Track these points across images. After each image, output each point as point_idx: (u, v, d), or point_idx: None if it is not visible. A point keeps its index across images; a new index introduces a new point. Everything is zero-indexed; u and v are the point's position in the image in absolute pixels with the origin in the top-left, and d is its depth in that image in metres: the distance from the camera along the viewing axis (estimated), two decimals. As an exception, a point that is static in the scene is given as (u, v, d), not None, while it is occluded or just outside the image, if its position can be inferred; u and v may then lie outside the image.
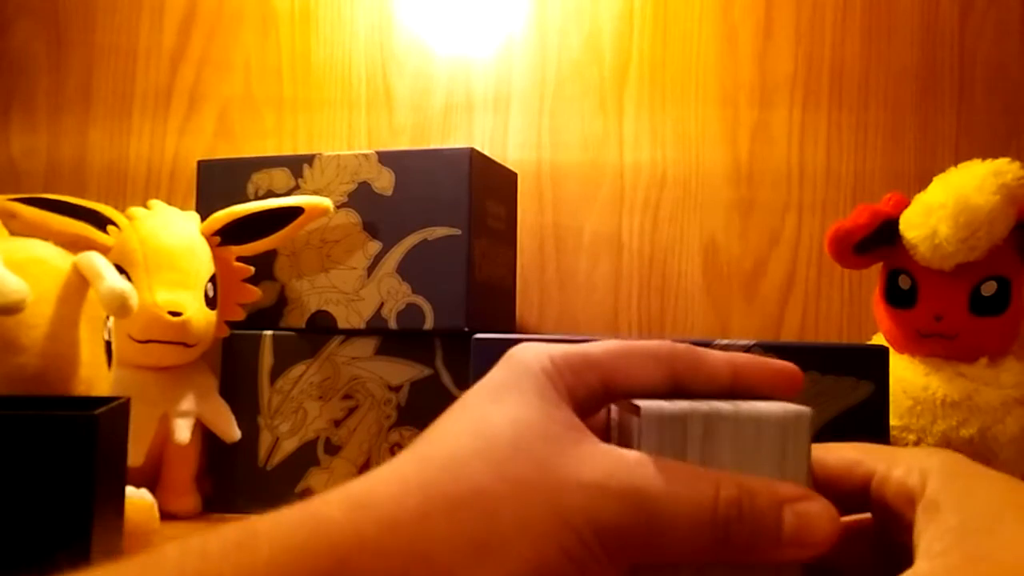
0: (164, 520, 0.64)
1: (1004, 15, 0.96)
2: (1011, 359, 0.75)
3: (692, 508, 0.25)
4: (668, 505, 0.24)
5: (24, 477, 0.46)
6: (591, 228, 1.01)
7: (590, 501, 0.24)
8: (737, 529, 0.25)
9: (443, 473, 0.24)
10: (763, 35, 1.00)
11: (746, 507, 0.25)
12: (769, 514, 0.25)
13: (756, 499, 0.25)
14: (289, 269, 0.83)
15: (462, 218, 0.78)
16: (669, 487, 0.25)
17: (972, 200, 0.70)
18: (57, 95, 1.09)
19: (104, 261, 0.60)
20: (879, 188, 0.94)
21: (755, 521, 0.25)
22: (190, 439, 0.76)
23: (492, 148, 1.02)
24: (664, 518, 0.24)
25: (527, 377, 0.27)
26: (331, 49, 1.06)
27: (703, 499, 0.25)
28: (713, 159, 1.00)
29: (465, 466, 0.24)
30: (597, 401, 0.28)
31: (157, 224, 0.77)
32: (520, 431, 0.25)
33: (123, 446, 0.54)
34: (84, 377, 0.59)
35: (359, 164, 0.81)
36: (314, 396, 0.80)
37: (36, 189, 0.96)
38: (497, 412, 0.26)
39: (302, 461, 0.80)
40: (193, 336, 0.75)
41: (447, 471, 0.24)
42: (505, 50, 1.03)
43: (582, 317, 1.01)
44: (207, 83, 1.07)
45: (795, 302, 0.98)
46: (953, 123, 0.97)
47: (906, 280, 0.77)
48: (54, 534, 0.46)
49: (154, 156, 1.07)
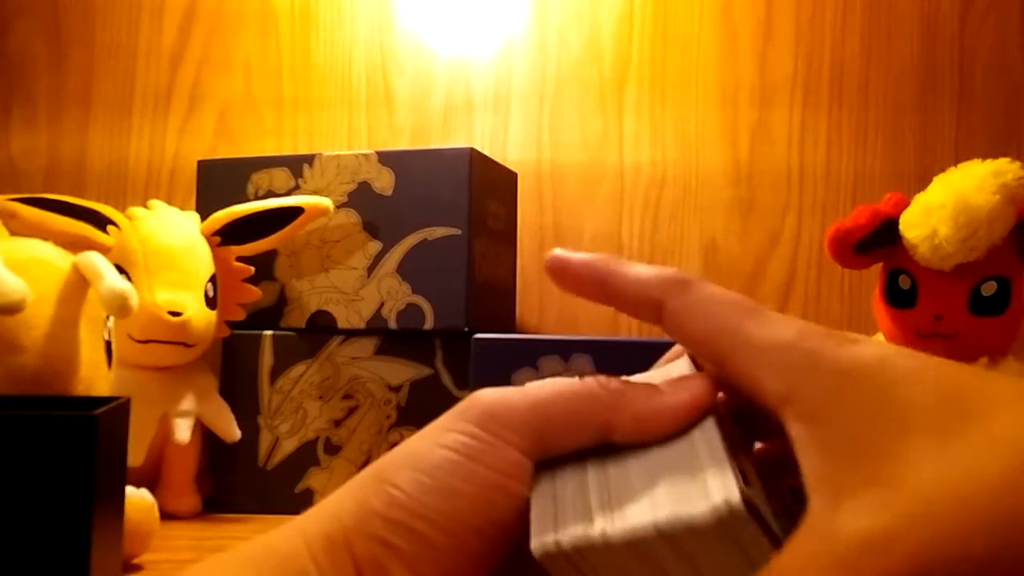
0: (164, 520, 0.64)
1: (1004, 15, 0.96)
2: (1011, 359, 0.75)
3: (569, 383, 0.26)
4: (548, 385, 0.26)
5: (24, 477, 0.46)
6: (591, 228, 1.01)
7: (461, 407, 0.26)
8: (602, 382, 0.26)
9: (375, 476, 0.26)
10: (763, 35, 1.00)
11: (615, 382, 0.27)
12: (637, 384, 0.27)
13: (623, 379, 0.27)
14: (289, 269, 0.83)
15: (462, 218, 0.78)
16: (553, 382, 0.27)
17: (972, 200, 0.70)
18: (57, 95, 1.09)
19: (104, 261, 0.60)
20: (879, 188, 0.94)
21: (628, 383, 0.26)
22: (190, 439, 0.76)
23: (492, 148, 1.02)
24: (528, 392, 0.26)
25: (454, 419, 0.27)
26: (331, 49, 1.06)
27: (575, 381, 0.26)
28: (713, 159, 1.00)
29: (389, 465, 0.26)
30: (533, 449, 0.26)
31: (157, 224, 0.77)
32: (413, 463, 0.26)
33: (123, 446, 0.54)
34: (84, 377, 0.59)
35: (359, 164, 0.81)
36: (314, 396, 0.80)
37: (36, 189, 0.96)
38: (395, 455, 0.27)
39: (302, 461, 0.80)
40: (193, 336, 0.75)
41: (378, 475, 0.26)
42: (505, 50, 1.03)
43: (582, 317, 1.01)
44: (207, 83, 1.07)
45: (795, 302, 0.98)
46: (953, 123, 0.97)
47: (906, 280, 0.77)
48: (54, 534, 0.46)
49: (154, 156, 1.07)
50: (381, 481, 0.25)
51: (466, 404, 0.26)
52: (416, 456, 0.25)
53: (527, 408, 0.25)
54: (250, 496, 0.80)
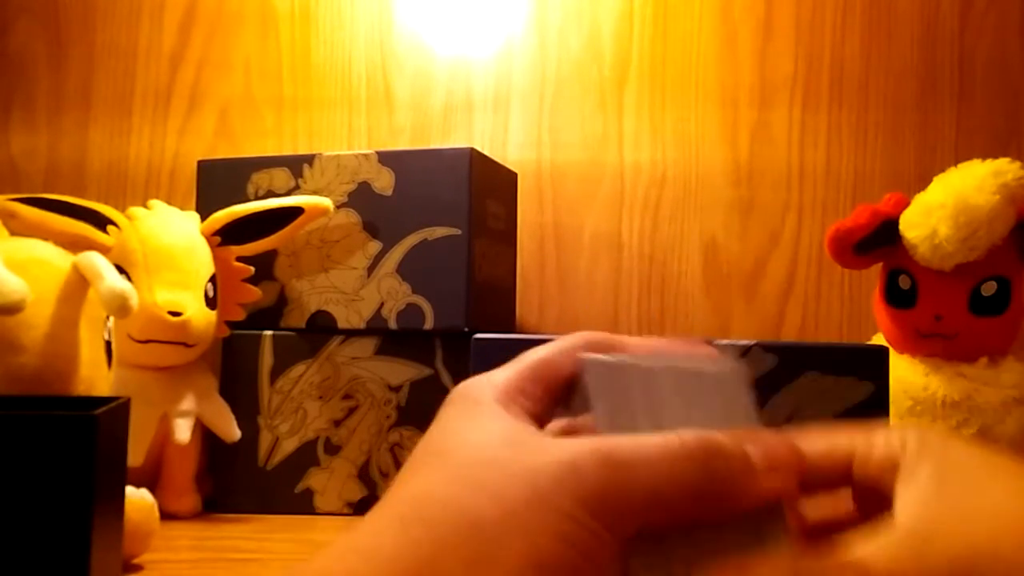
0: (164, 520, 0.64)
1: (1004, 15, 0.96)
2: (1011, 359, 0.75)
3: (664, 453, 0.25)
4: (640, 456, 0.25)
5: (24, 477, 0.46)
6: (591, 228, 1.01)
7: (565, 476, 0.24)
8: (714, 462, 0.25)
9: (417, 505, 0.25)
10: (763, 35, 1.00)
11: (712, 444, 0.26)
12: (735, 447, 0.26)
13: (716, 437, 0.26)
14: (289, 269, 0.83)
15: (462, 218, 0.78)
16: (635, 441, 0.25)
17: (972, 200, 0.71)
18: (57, 95, 1.09)
19: (104, 261, 0.60)
20: (879, 188, 0.94)
21: (726, 454, 0.26)
22: (190, 439, 0.76)
23: (492, 148, 1.02)
24: (642, 470, 0.25)
25: (477, 407, 0.28)
26: (331, 49, 1.06)
27: (669, 443, 0.25)
28: (713, 159, 1.00)
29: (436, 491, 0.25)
30: (547, 408, 0.29)
31: (157, 224, 0.77)
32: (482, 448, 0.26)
33: (123, 446, 0.54)
34: (84, 377, 0.59)
35: (359, 164, 0.81)
36: (314, 396, 0.80)
37: (36, 189, 0.96)
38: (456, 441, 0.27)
39: (302, 461, 0.80)
40: (193, 336, 0.75)
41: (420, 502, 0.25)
42: (505, 50, 1.03)
43: (582, 317, 1.01)
44: (207, 83, 1.07)
45: (795, 302, 0.98)
46: (953, 123, 0.97)
47: (906, 280, 0.77)
48: (54, 534, 0.46)
49: (154, 156, 1.07)
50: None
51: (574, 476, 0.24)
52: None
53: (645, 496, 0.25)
54: (250, 496, 0.80)
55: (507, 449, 0.25)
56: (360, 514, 0.79)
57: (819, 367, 0.60)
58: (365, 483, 0.80)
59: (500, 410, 0.27)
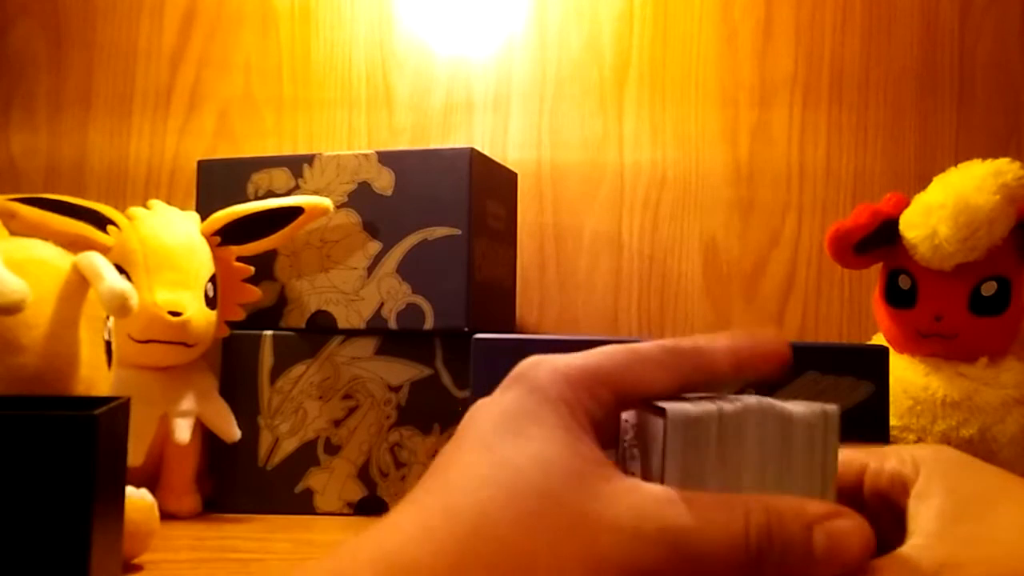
0: (164, 520, 0.64)
1: (1004, 15, 0.96)
2: (1011, 359, 0.75)
3: (725, 542, 0.24)
4: (702, 542, 0.24)
5: (24, 477, 0.46)
6: (591, 228, 1.01)
7: (624, 546, 0.24)
8: (768, 556, 0.25)
9: (474, 534, 0.24)
10: (763, 35, 1.00)
11: (776, 532, 0.25)
12: (799, 536, 0.25)
13: (785, 522, 0.25)
14: (289, 269, 0.83)
15: (462, 218, 0.78)
16: (700, 522, 0.24)
17: (972, 200, 0.70)
18: (57, 95, 1.09)
19: (104, 261, 0.60)
20: (879, 188, 0.94)
21: (786, 545, 0.25)
22: (190, 439, 0.76)
23: (492, 148, 1.02)
24: (698, 554, 0.24)
25: (546, 406, 0.26)
26: (331, 49, 1.06)
27: (735, 530, 0.24)
28: (713, 159, 1.00)
29: (496, 524, 0.24)
30: (613, 412, 0.28)
31: (157, 224, 0.77)
32: (546, 473, 0.25)
33: (123, 446, 0.54)
34: (84, 377, 0.59)
35: (359, 164, 0.81)
36: (314, 396, 0.80)
37: (36, 189, 0.96)
38: (521, 453, 0.25)
39: (302, 461, 0.80)
40: (193, 336, 0.75)
41: (478, 532, 0.24)
42: (505, 50, 1.03)
43: (582, 317, 1.01)
44: (207, 83, 1.07)
45: (795, 302, 0.98)
46: (953, 123, 0.97)
47: (906, 280, 0.77)
48: (54, 534, 0.46)
49: (154, 156, 1.07)
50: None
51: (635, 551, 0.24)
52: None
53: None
54: (250, 496, 0.80)
55: (572, 489, 0.25)
56: (360, 514, 0.80)
57: (819, 367, 0.60)
58: (365, 483, 0.80)
59: (567, 417, 0.26)
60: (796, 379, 0.60)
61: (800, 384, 0.60)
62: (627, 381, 0.27)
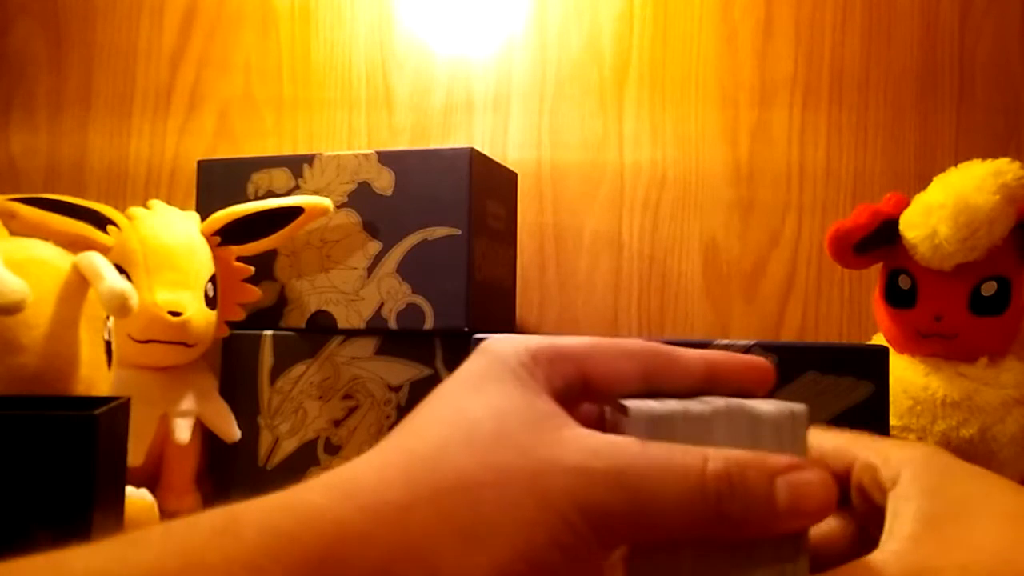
0: (164, 520, 0.64)
1: (1004, 15, 0.96)
2: (1011, 359, 0.75)
3: (680, 483, 0.24)
4: (654, 482, 0.24)
5: (24, 477, 0.46)
6: (591, 228, 1.01)
7: (574, 483, 0.24)
8: (729, 503, 0.24)
9: (426, 463, 0.24)
10: (763, 35, 1.00)
11: (736, 480, 0.24)
12: (761, 486, 0.25)
13: (746, 471, 0.25)
14: (289, 269, 0.83)
15: (462, 218, 0.78)
16: (654, 463, 0.24)
17: (972, 200, 0.70)
18: (57, 95, 1.09)
19: (104, 261, 0.60)
20: (879, 188, 0.94)
21: (747, 493, 0.24)
22: (190, 439, 0.76)
23: (492, 148, 1.02)
24: (651, 496, 0.24)
25: (505, 368, 0.27)
26: (331, 49, 1.06)
27: (690, 473, 0.24)
28: (713, 159, 1.00)
29: (448, 456, 0.24)
30: (576, 392, 0.28)
31: (157, 224, 0.77)
32: (502, 419, 0.25)
33: (123, 446, 0.54)
34: (84, 377, 0.59)
35: (359, 164, 0.81)
36: (314, 396, 0.80)
37: (36, 189, 0.96)
38: (478, 402, 0.26)
39: (302, 461, 0.80)
40: (193, 336, 0.75)
41: (430, 460, 0.24)
42: (505, 50, 1.03)
43: (582, 317, 1.01)
44: (207, 83, 1.07)
45: (795, 302, 0.98)
46: (953, 123, 0.97)
47: (906, 280, 0.77)
48: (54, 534, 0.46)
49: (154, 156, 1.07)
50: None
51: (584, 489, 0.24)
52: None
53: (652, 522, 0.25)
54: (250, 496, 0.80)
55: (527, 433, 0.25)
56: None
57: (819, 367, 0.60)
58: (365, 483, 0.80)
59: (525, 379, 0.26)
60: (796, 379, 0.60)
61: (800, 384, 0.60)
62: (591, 359, 0.28)
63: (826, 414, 0.59)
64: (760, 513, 0.25)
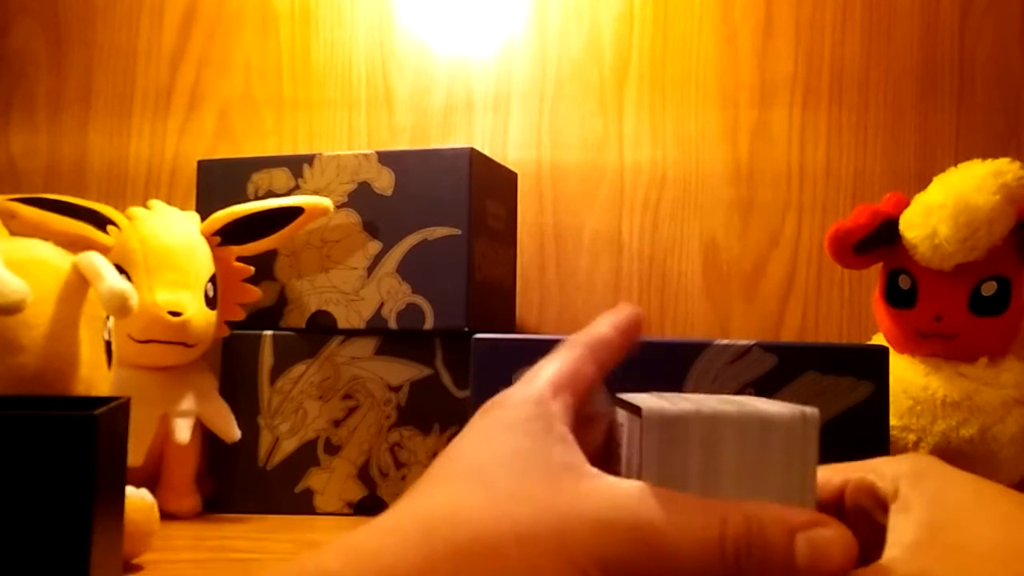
0: (164, 520, 0.64)
1: (1004, 15, 0.96)
2: (1011, 359, 0.75)
3: (699, 542, 0.24)
4: (674, 540, 0.24)
5: (24, 477, 0.46)
6: (591, 228, 1.01)
7: (595, 538, 0.24)
8: (747, 561, 0.24)
9: (444, 521, 0.24)
10: (763, 35, 1.00)
11: (755, 539, 0.24)
12: (780, 544, 0.24)
13: (766, 530, 0.24)
14: (289, 269, 0.83)
15: (462, 218, 0.78)
16: (674, 520, 0.24)
17: (972, 200, 0.70)
18: (57, 95, 1.09)
19: (104, 261, 0.60)
20: (879, 188, 0.94)
21: (765, 553, 0.24)
22: (190, 439, 0.76)
23: (492, 148, 1.02)
24: (670, 552, 0.24)
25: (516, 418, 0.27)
26: (331, 49, 1.06)
27: (710, 533, 0.24)
28: (713, 159, 1.00)
29: (465, 513, 0.24)
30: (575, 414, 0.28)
31: (157, 224, 0.77)
32: (518, 470, 0.25)
33: (123, 446, 0.54)
34: (84, 377, 0.59)
35: (359, 164, 0.81)
36: (314, 396, 0.80)
37: (36, 189, 0.96)
38: (492, 459, 0.26)
39: (302, 461, 0.80)
40: (193, 336, 0.75)
41: (448, 519, 0.24)
42: (505, 50, 1.03)
43: (582, 317, 1.00)
44: (207, 83, 1.07)
45: (795, 302, 0.98)
46: (953, 123, 0.97)
47: (906, 280, 0.77)
48: (54, 534, 0.46)
49: (154, 156, 1.07)
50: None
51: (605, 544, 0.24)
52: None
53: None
54: (250, 496, 0.80)
55: (545, 486, 0.25)
56: (360, 514, 0.80)
57: (819, 367, 0.60)
58: (365, 483, 0.80)
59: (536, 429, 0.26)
60: (796, 379, 0.60)
61: (800, 384, 0.60)
62: (578, 382, 0.28)
63: (826, 414, 0.59)
64: (779, 571, 0.24)
